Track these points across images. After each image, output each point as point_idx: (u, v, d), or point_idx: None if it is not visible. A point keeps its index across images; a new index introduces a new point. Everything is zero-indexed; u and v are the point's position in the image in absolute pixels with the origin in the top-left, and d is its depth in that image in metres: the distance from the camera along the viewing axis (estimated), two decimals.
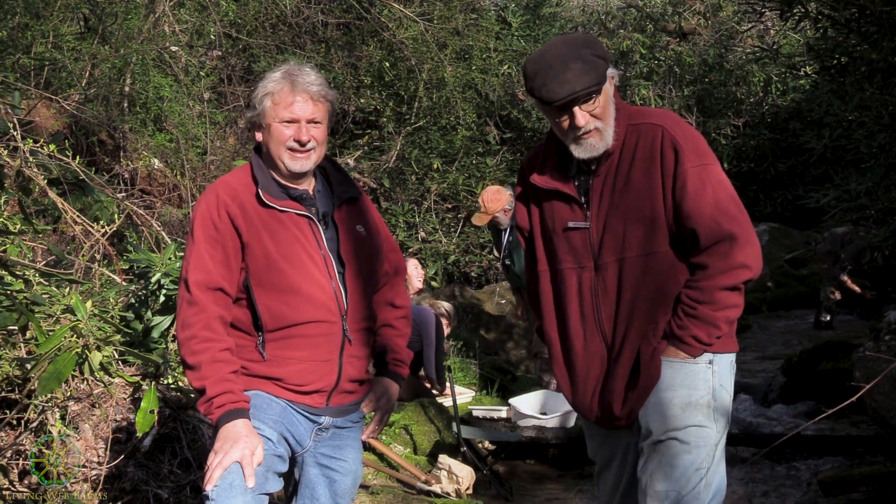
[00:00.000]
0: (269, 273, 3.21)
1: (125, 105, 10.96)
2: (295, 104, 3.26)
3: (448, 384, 7.61)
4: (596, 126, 3.24)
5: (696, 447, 3.21)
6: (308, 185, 3.37)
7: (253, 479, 3.06)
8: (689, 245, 3.20)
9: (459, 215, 13.89)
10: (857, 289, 11.24)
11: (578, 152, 3.28)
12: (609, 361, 3.32)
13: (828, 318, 11.48)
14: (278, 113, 3.26)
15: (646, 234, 3.21)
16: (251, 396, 3.21)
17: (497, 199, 7.84)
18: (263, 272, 3.21)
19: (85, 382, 4.77)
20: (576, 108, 3.21)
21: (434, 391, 8.32)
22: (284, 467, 3.28)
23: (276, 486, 3.24)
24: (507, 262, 8.04)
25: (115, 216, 5.88)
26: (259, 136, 3.32)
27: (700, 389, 3.23)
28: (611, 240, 3.27)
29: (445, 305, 8.77)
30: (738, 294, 3.22)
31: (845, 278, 11.24)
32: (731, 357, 3.35)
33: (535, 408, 7.26)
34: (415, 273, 8.84)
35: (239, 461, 3.05)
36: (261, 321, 3.22)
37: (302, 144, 3.27)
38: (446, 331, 8.52)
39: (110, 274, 5.89)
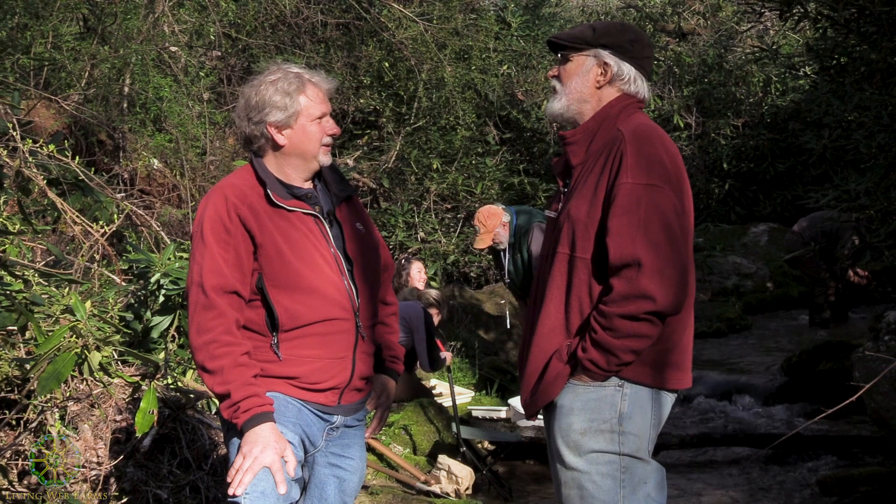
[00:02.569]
0: (284, 273, 3.21)
1: (124, 105, 10.96)
2: (323, 101, 3.33)
3: (448, 383, 7.61)
4: (554, 86, 3.35)
5: (601, 475, 3.13)
6: (310, 184, 3.38)
7: (284, 484, 3.06)
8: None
9: (459, 215, 13.88)
10: (862, 281, 11.21)
11: None
12: (528, 353, 3.30)
13: (826, 315, 11.47)
14: (311, 111, 3.29)
15: (577, 235, 3.15)
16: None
17: (493, 214, 7.83)
18: (278, 272, 3.21)
19: (84, 383, 4.77)
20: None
21: (433, 391, 8.32)
22: (300, 471, 3.28)
23: (298, 492, 3.24)
24: (508, 279, 8.03)
25: (115, 216, 5.89)
26: (282, 139, 3.28)
27: (604, 413, 3.13)
28: (556, 233, 3.26)
29: (433, 294, 8.69)
30: (643, 324, 3.01)
31: (851, 275, 11.20)
32: (656, 392, 3.19)
33: None
34: (417, 276, 8.80)
35: (269, 466, 3.04)
36: (277, 321, 3.21)
37: (335, 138, 3.36)
38: (436, 319, 8.47)
39: (109, 274, 5.89)
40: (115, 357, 4.81)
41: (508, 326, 9.11)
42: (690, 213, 3.19)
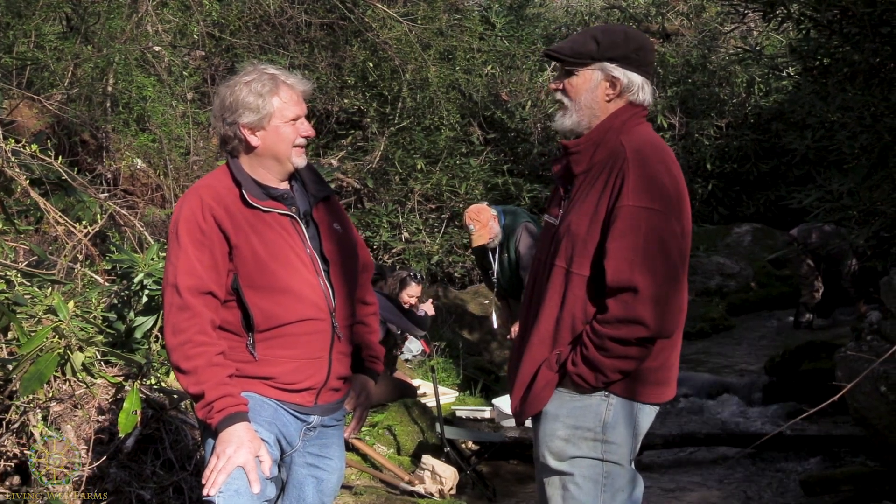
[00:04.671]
0: (260, 274, 3.21)
1: (108, 105, 10.89)
2: (298, 103, 3.32)
3: (432, 383, 7.61)
4: (561, 100, 3.30)
5: (583, 477, 3.19)
6: (286, 185, 3.39)
7: (258, 484, 3.06)
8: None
9: (443, 216, 13.87)
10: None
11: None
12: (520, 360, 3.33)
13: (809, 317, 11.51)
14: (285, 112, 3.28)
15: (575, 251, 3.16)
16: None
17: (482, 209, 7.84)
18: (253, 273, 3.21)
19: (67, 383, 4.75)
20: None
21: (418, 391, 8.32)
22: (276, 470, 3.28)
23: (274, 491, 3.24)
24: (494, 280, 8.01)
25: (98, 216, 5.87)
26: (255, 140, 3.28)
27: (588, 422, 3.18)
28: (556, 244, 3.26)
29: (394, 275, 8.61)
30: (634, 348, 3.07)
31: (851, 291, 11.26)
32: (640, 406, 3.24)
33: None
34: (404, 297, 8.72)
35: (242, 466, 3.04)
36: (252, 322, 3.21)
37: (308, 140, 3.34)
38: (416, 290, 8.38)
39: (93, 274, 5.86)
40: (98, 357, 4.79)
41: (494, 327, 9.12)
42: (689, 234, 3.20)
